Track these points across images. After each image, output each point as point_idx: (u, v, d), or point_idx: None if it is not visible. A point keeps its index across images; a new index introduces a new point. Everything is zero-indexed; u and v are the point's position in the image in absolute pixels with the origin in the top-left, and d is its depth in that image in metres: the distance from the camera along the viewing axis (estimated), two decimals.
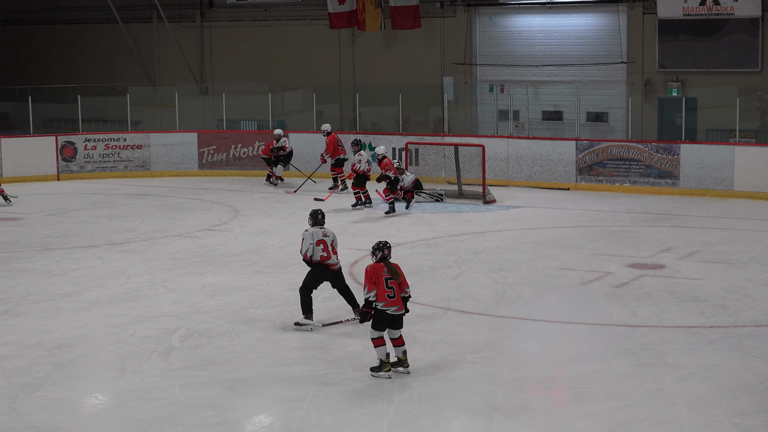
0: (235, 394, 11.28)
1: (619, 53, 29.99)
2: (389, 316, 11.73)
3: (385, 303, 11.70)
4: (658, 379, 11.63)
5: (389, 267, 11.82)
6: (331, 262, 14.03)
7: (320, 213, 14.19)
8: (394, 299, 11.72)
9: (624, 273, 17.04)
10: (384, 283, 11.71)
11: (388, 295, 11.71)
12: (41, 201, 25.72)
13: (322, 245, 13.94)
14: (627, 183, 26.62)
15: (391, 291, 11.72)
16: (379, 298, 11.70)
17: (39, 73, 37.10)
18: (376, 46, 33.45)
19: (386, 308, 11.70)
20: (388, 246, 12.04)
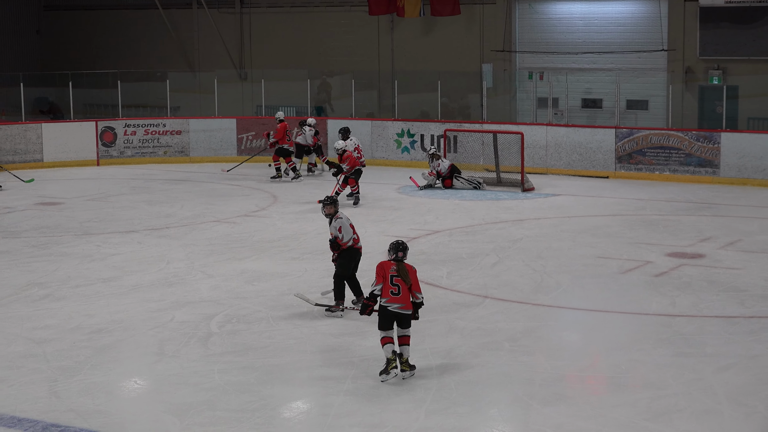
0: (273, 380, 11.31)
1: (660, 41, 29.78)
2: (392, 314, 11.43)
3: (387, 299, 11.43)
4: (697, 369, 11.57)
5: (399, 267, 11.54)
6: (361, 244, 14.32)
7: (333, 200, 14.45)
8: (398, 297, 11.42)
9: (663, 262, 16.95)
10: (389, 280, 11.46)
11: (391, 292, 11.42)
12: (81, 186, 25.89)
13: (352, 229, 14.23)
14: (666, 171, 26.46)
15: (395, 288, 11.43)
16: (383, 294, 11.47)
17: (79, 58, 37.28)
18: (415, 32, 33.38)
19: (388, 305, 11.42)
20: (404, 248, 11.73)
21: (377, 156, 29.79)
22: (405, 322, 11.48)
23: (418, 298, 11.56)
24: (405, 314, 11.44)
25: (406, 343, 11.46)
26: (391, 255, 11.69)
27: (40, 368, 11.69)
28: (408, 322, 11.50)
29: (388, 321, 11.43)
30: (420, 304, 11.61)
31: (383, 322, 11.46)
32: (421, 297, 11.61)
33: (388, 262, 11.62)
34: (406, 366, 11.34)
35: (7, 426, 10.05)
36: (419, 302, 11.59)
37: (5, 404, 10.57)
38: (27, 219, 21.24)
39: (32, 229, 20.11)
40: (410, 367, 11.38)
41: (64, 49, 38.43)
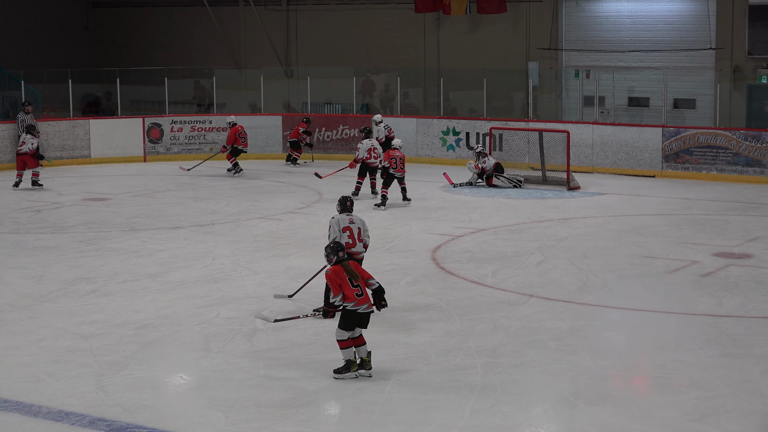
0: (318, 377, 11.33)
1: (708, 39, 29.57)
2: (359, 315, 11.26)
3: (355, 303, 11.21)
4: (744, 370, 11.48)
5: (347, 268, 11.31)
6: (355, 250, 13.80)
7: (349, 200, 14.04)
8: (363, 297, 11.25)
9: (710, 262, 16.83)
10: (349, 284, 11.23)
11: (356, 294, 11.22)
12: (128, 182, 26.06)
13: (348, 232, 13.84)
14: (714, 171, 26.26)
15: (358, 289, 11.24)
16: (348, 299, 11.20)
17: (127, 55, 37.56)
18: (461, 30, 33.35)
19: (357, 308, 11.21)
20: (342, 248, 11.51)
21: (422, 154, 29.77)
22: (365, 322, 11.41)
23: (374, 285, 11.49)
24: (369, 313, 11.36)
25: (362, 343, 11.39)
26: (333, 259, 11.44)
27: (87, 363, 11.79)
28: (367, 322, 11.42)
29: (353, 322, 11.29)
30: (380, 290, 11.54)
31: (348, 322, 11.28)
32: (376, 282, 11.53)
33: (338, 268, 11.35)
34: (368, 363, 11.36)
35: (54, 420, 10.14)
36: (377, 288, 11.52)
37: (53, 398, 10.66)
38: (74, 214, 21.42)
39: (79, 225, 20.28)
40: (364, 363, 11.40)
41: (112, 45, 38.75)
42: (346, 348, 11.28)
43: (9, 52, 35.95)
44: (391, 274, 15.99)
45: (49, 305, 14.30)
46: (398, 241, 18.64)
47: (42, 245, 18.33)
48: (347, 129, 30.58)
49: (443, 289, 15.08)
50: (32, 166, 24.65)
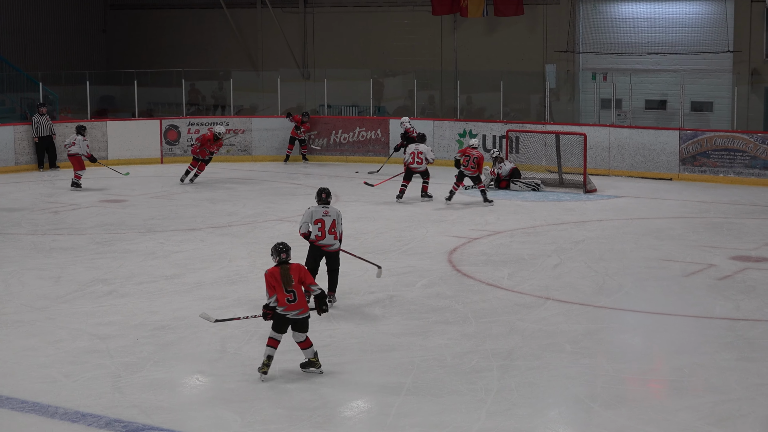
0: (334, 379, 11.34)
1: (726, 42, 29.49)
2: (289, 320, 11.18)
3: (285, 308, 11.14)
4: (761, 373, 11.45)
5: (283, 272, 11.18)
6: (323, 242, 14.06)
7: (324, 192, 14.23)
8: (295, 303, 11.12)
9: (727, 265, 16.79)
10: (282, 288, 11.15)
11: (287, 300, 11.12)
12: (145, 183, 26.13)
13: (320, 224, 14.03)
14: (731, 174, 26.19)
15: (290, 295, 11.12)
16: (279, 303, 11.13)
17: (144, 57, 37.66)
18: (478, 32, 33.33)
19: (286, 313, 11.15)
20: (285, 250, 11.30)
21: (438, 156, 29.68)
22: (304, 327, 11.29)
23: (315, 291, 11.37)
24: (304, 318, 11.24)
25: (309, 347, 11.34)
26: (275, 259, 11.33)
27: (104, 364, 11.82)
28: (304, 327, 11.29)
29: (284, 326, 11.24)
30: (321, 296, 11.43)
31: (278, 325, 11.25)
32: (318, 288, 11.41)
33: (276, 269, 11.27)
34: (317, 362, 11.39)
35: (71, 421, 10.17)
36: (318, 294, 11.39)
37: (69, 399, 10.69)
38: (91, 216, 21.48)
39: (96, 226, 20.33)
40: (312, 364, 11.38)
41: (129, 47, 38.85)
42: (267, 346, 11.27)
43: (27, 54, 36.10)
44: (408, 276, 16.01)
45: (66, 306, 14.35)
46: (414, 243, 18.64)
47: (59, 246, 18.39)
48: (363, 131, 30.59)
49: (459, 292, 15.08)
50: (78, 168, 24.78)
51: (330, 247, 14.15)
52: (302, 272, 11.31)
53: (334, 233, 14.11)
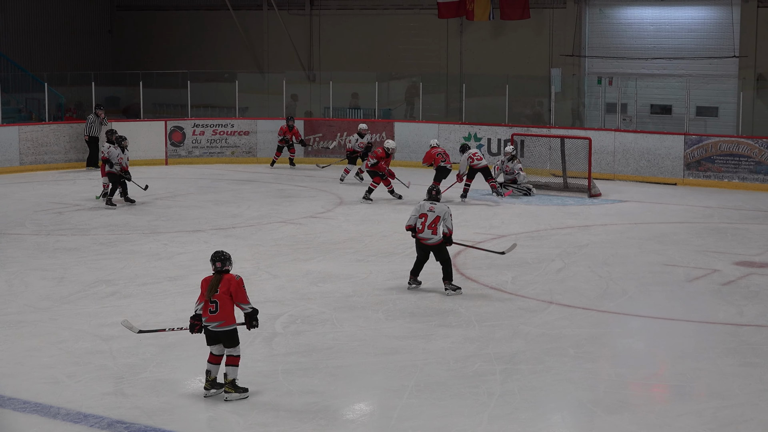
0: (337, 382, 11.35)
1: (732, 47, 29.46)
2: (210, 333, 10.79)
3: (206, 318, 10.77)
4: (764, 379, 11.44)
5: (211, 282, 10.78)
6: (422, 236, 14.86)
7: (435, 189, 15.16)
8: (215, 314, 10.68)
9: (731, 271, 16.77)
10: (207, 296, 10.79)
11: (209, 310, 10.72)
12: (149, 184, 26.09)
13: (423, 218, 14.77)
14: (736, 179, 26.17)
15: (213, 306, 10.69)
16: (203, 312, 10.78)
17: (150, 58, 37.68)
18: (483, 36, 33.32)
19: (207, 324, 10.76)
20: (220, 259, 10.89)
21: None
22: (227, 341, 10.80)
23: (244, 309, 10.78)
24: (224, 331, 10.76)
25: (232, 364, 10.80)
26: (211, 266, 10.97)
27: (107, 365, 11.83)
28: (231, 341, 10.80)
29: (210, 339, 10.84)
30: (251, 314, 10.82)
31: (207, 339, 10.89)
32: (249, 307, 10.80)
33: (209, 277, 10.95)
34: (230, 388, 10.76)
35: (73, 422, 10.18)
36: (249, 312, 10.80)
37: (72, 400, 10.70)
38: (96, 217, 21.48)
39: (101, 227, 20.34)
40: (236, 388, 10.78)
41: (135, 48, 38.87)
42: (207, 361, 10.92)
43: (33, 55, 36.13)
44: None
45: (69, 307, 14.37)
46: None
47: (63, 247, 18.41)
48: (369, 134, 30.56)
49: (463, 295, 15.07)
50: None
51: (428, 241, 14.95)
52: (234, 286, 10.76)
53: (433, 228, 14.84)
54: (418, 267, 15.32)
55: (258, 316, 10.89)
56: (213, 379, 10.85)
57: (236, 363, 10.81)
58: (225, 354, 10.84)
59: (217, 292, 10.73)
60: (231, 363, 10.80)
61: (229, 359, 10.81)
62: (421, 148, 29.55)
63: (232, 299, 10.75)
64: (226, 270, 10.92)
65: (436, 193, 15.12)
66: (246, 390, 10.82)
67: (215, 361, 10.87)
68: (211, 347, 10.88)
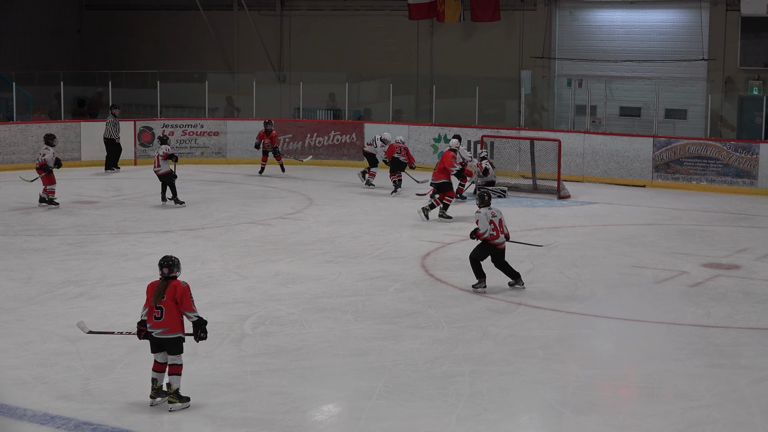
0: (305, 383, 11.33)
1: (700, 50, 29.62)
2: (154, 340, 10.56)
3: (151, 324, 10.55)
4: (731, 380, 11.50)
5: (159, 287, 10.57)
6: (498, 241, 15.14)
7: (486, 194, 15.42)
8: (160, 321, 10.46)
9: (699, 272, 16.86)
10: (152, 302, 10.57)
11: (155, 316, 10.49)
12: (118, 185, 26.02)
13: (492, 225, 15.06)
14: (704, 182, 26.31)
15: (158, 312, 10.47)
16: (147, 318, 10.58)
17: (119, 58, 37.50)
18: (454, 37, 33.35)
19: (152, 330, 10.53)
20: (167, 265, 10.65)
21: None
22: (171, 348, 10.55)
23: (189, 317, 10.56)
24: (168, 339, 10.52)
25: (175, 373, 10.56)
26: (159, 272, 10.74)
27: (74, 366, 11.77)
28: (175, 349, 10.56)
29: (155, 346, 10.60)
30: (198, 324, 10.60)
31: (151, 346, 10.64)
32: (195, 316, 10.57)
33: (155, 282, 10.71)
34: (174, 397, 10.52)
35: (40, 423, 10.12)
36: (195, 321, 10.58)
37: (39, 401, 10.64)
38: (64, 217, 21.37)
39: (69, 227, 20.24)
40: (179, 398, 10.54)
41: (105, 48, 38.65)
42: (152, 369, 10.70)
43: (1, 54, 35.88)
44: (381, 281, 16.00)
45: (37, 308, 14.28)
46: (388, 247, 18.63)
47: (30, 247, 18.30)
48: (338, 135, 30.57)
49: (432, 297, 15.09)
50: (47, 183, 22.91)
51: (501, 245, 15.31)
52: (179, 293, 10.54)
53: (503, 231, 15.22)
54: (480, 266, 15.46)
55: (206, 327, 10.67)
56: (159, 387, 10.64)
57: (179, 372, 10.58)
58: (168, 362, 10.59)
59: (163, 299, 10.50)
60: (174, 372, 10.57)
61: (172, 368, 10.57)
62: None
63: (178, 306, 10.54)
64: (174, 276, 10.67)
65: (489, 198, 15.52)
66: (188, 399, 10.59)
67: (160, 369, 10.63)
68: (156, 355, 10.63)
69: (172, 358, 10.58)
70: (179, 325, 10.57)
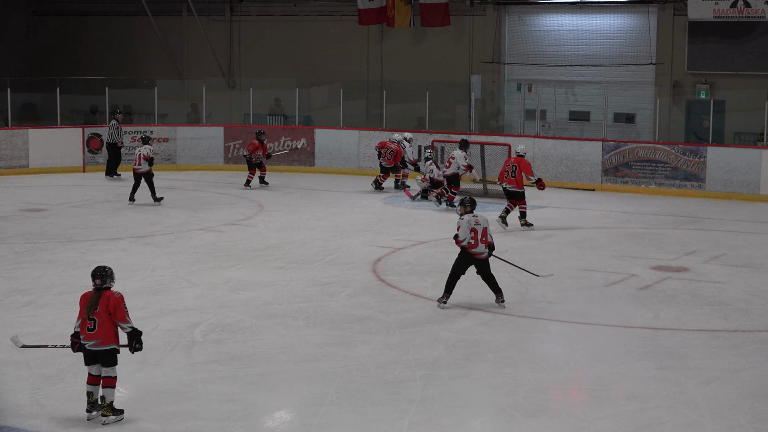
0: (257, 390, 11.29)
1: (648, 54, 29.87)
2: (87, 352, 10.34)
3: (84, 336, 10.34)
4: (680, 382, 11.58)
5: (92, 298, 10.37)
6: (476, 250, 14.51)
7: (472, 200, 14.95)
8: (93, 333, 10.24)
9: (648, 275, 16.98)
10: (85, 314, 10.34)
11: (87, 328, 10.28)
12: (67, 193, 25.82)
13: (473, 233, 14.50)
14: (653, 185, 26.53)
15: (91, 323, 10.25)
16: (80, 330, 10.37)
17: (67, 64, 37.19)
18: (404, 43, 33.42)
19: (85, 342, 10.32)
20: (100, 276, 10.49)
21: (364, 166, 29.79)
22: (105, 360, 10.35)
23: (123, 328, 10.36)
24: (102, 351, 10.32)
25: (108, 386, 10.35)
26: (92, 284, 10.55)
27: (23, 375, 11.65)
28: (109, 361, 10.35)
29: (88, 358, 10.40)
30: (132, 335, 10.39)
31: (85, 358, 10.44)
32: (128, 327, 10.36)
33: (88, 293, 10.52)
34: (107, 411, 10.30)
35: None
36: (129, 332, 10.36)
37: None
38: (12, 225, 21.17)
39: (17, 236, 20.04)
40: (113, 411, 10.31)
41: (53, 54, 38.35)
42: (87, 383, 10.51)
43: None
44: (332, 287, 15.98)
45: None
46: (339, 253, 18.61)
47: None
48: (289, 140, 30.51)
49: (383, 302, 15.08)
50: None
51: (481, 255, 14.59)
52: (113, 304, 10.34)
53: (485, 241, 14.57)
54: (454, 281, 14.76)
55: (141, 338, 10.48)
56: (95, 400, 10.46)
57: (113, 384, 10.38)
58: (102, 375, 10.40)
59: (96, 310, 10.31)
60: (108, 384, 10.37)
61: (106, 381, 10.38)
62: (341, 155, 29.73)
63: (111, 317, 10.35)
64: (107, 287, 10.49)
65: (472, 206, 14.88)
66: (122, 412, 10.41)
67: (95, 382, 10.44)
68: (89, 368, 10.43)
69: (106, 370, 10.39)
70: (113, 337, 10.39)
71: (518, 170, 21.51)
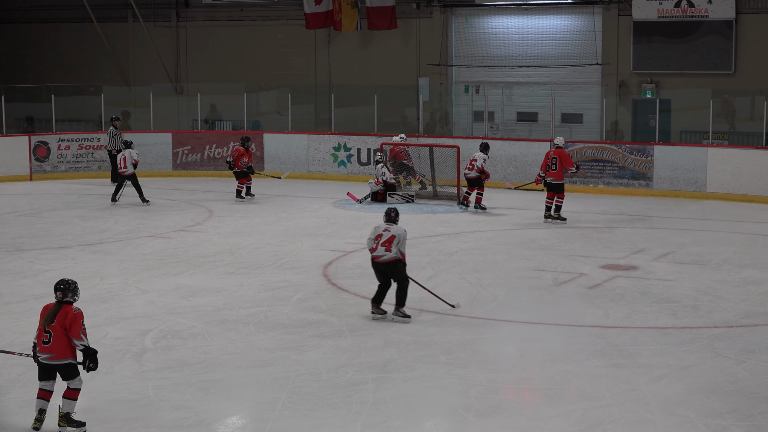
0: (209, 396, 11.25)
1: (594, 55, 30.08)
2: (42, 365, 10.20)
3: (39, 348, 10.19)
4: (630, 379, 11.67)
5: (51, 310, 10.21)
6: (375, 254, 14.18)
7: (393, 211, 14.60)
8: (48, 346, 10.08)
9: (597, 274, 17.09)
10: (42, 326, 10.21)
11: (43, 341, 10.12)
12: (13, 201, 25.60)
13: (377, 239, 14.24)
14: (601, 184, 26.71)
15: (46, 336, 10.09)
16: (37, 342, 10.23)
17: (12, 72, 36.87)
18: (352, 46, 33.44)
19: (39, 354, 10.18)
20: (62, 289, 10.32)
21: (313, 170, 29.78)
22: (64, 374, 10.18)
23: (77, 345, 10.12)
24: (57, 365, 10.15)
25: (69, 397, 10.18)
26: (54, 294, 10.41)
27: None
28: (69, 374, 10.19)
29: (43, 372, 10.26)
30: (86, 352, 10.15)
31: (39, 372, 10.29)
32: (81, 344, 10.11)
33: (49, 305, 10.38)
34: (63, 422, 10.14)
35: None
36: (83, 350, 10.14)
37: None
38: None
39: None
40: (69, 422, 10.15)
41: None
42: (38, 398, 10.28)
43: None
44: (282, 291, 15.96)
45: None
46: (289, 257, 18.59)
47: None
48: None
49: (334, 306, 15.07)
50: None
51: (381, 258, 14.17)
52: (70, 319, 10.12)
53: (386, 245, 14.14)
54: (381, 294, 14.32)
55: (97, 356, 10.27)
56: (44, 418, 10.22)
57: (74, 396, 10.19)
58: (69, 386, 10.19)
59: (52, 323, 10.14)
60: (70, 396, 10.20)
61: (68, 392, 10.19)
62: (290, 159, 29.69)
63: (66, 332, 10.14)
64: (69, 301, 10.30)
65: (395, 215, 14.47)
66: (84, 424, 10.25)
67: (46, 397, 10.23)
68: (42, 383, 10.26)
69: (69, 382, 10.23)
70: (68, 351, 10.17)
71: (559, 162, 21.93)
